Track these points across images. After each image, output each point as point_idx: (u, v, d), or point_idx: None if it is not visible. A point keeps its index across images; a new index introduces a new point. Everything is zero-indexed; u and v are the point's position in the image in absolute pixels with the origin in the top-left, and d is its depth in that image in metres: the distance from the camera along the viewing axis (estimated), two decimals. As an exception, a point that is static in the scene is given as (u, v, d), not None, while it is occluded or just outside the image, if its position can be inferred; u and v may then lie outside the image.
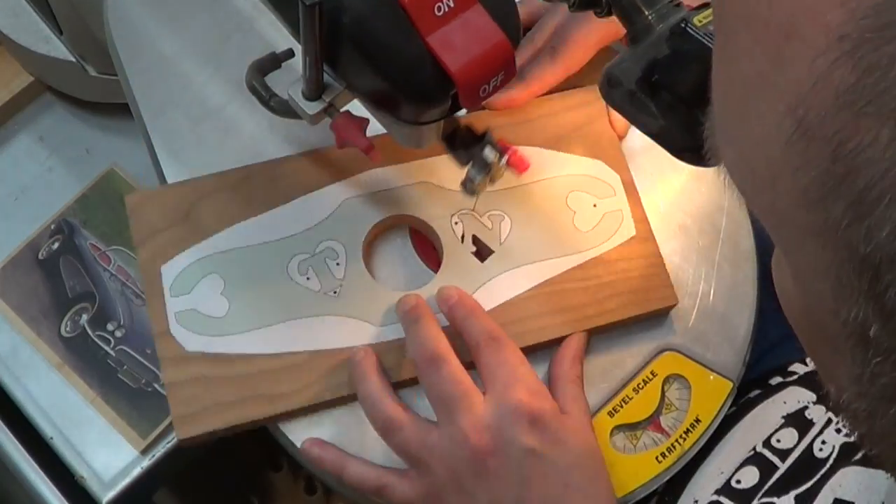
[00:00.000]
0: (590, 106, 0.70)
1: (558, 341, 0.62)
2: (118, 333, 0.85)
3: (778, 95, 0.26)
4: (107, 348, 0.85)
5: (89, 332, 0.86)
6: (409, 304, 0.62)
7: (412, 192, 0.66)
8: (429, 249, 0.66)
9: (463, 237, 0.65)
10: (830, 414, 0.60)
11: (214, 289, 0.62)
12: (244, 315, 0.62)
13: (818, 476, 0.55)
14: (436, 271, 0.64)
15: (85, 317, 0.86)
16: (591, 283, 0.64)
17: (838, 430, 0.58)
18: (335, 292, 0.63)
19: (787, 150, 0.26)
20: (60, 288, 0.87)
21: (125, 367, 0.84)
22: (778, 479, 0.58)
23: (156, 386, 0.84)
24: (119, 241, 0.89)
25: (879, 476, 0.54)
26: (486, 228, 0.65)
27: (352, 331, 0.62)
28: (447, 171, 0.66)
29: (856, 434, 0.33)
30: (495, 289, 0.64)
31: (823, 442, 0.58)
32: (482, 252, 0.65)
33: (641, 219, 0.66)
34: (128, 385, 0.84)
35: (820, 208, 0.26)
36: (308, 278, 0.63)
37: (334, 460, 0.60)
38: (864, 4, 0.23)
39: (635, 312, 0.63)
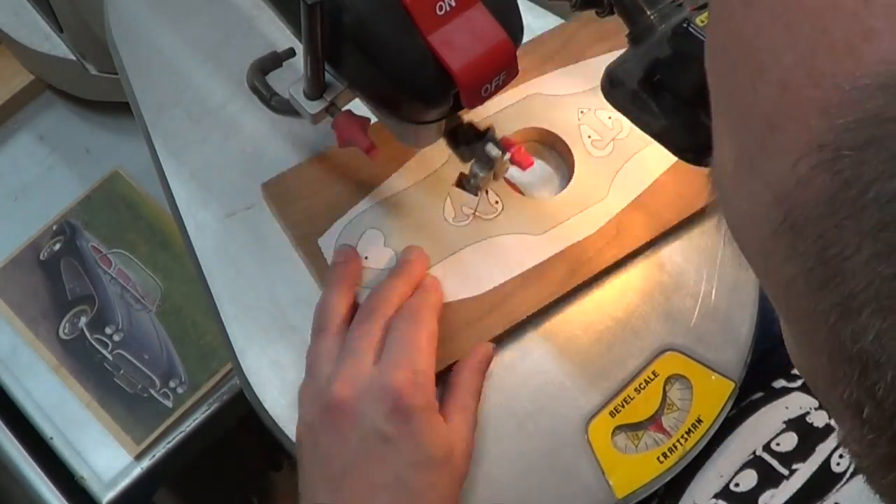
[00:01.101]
0: None
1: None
2: (116, 337, 0.85)
3: (766, 183, 0.25)
4: (104, 352, 0.85)
5: (87, 334, 0.85)
6: (407, 256, 0.63)
7: (523, 107, 0.70)
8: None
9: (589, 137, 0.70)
10: None
11: (377, 241, 0.65)
12: None
13: (836, 490, 0.55)
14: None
15: (84, 319, 0.86)
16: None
17: None
18: (493, 213, 0.66)
19: (775, 239, 0.26)
20: (60, 289, 0.87)
21: (122, 371, 0.84)
22: (795, 495, 0.57)
23: (152, 392, 0.83)
24: (121, 244, 0.89)
25: None
26: (607, 126, 0.70)
27: (526, 245, 0.65)
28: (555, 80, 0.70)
29: (858, 468, 0.33)
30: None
31: (841, 456, 0.57)
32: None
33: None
34: (124, 390, 0.84)
35: (808, 299, 0.25)
36: (463, 207, 0.66)
37: (339, 274, 0.62)
38: (846, 118, 0.23)
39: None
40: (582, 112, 0.70)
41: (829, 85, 0.23)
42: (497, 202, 0.67)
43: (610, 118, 0.70)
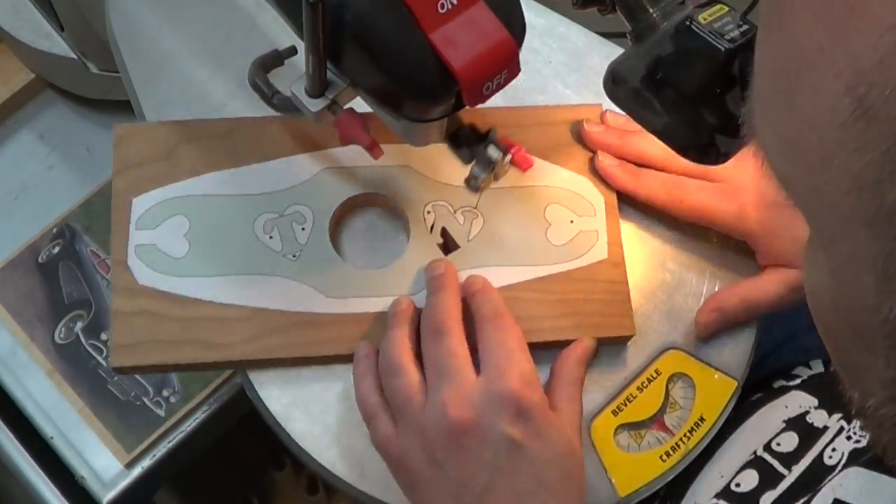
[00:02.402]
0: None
1: None
2: (111, 344, 0.85)
3: (836, 72, 0.24)
4: (99, 358, 0.84)
5: (83, 340, 0.85)
6: (437, 270, 0.62)
7: (392, 173, 0.66)
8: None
9: (432, 227, 0.65)
10: (842, 423, 0.59)
11: (179, 229, 0.64)
12: (201, 260, 0.63)
13: (826, 482, 0.55)
14: None
15: (80, 324, 0.86)
16: (550, 298, 0.63)
17: (849, 438, 0.57)
18: (294, 256, 0.64)
19: (842, 131, 0.24)
20: (57, 293, 0.87)
21: (115, 378, 0.84)
22: (788, 488, 0.57)
23: (145, 400, 0.83)
24: (120, 250, 0.88)
25: (884, 481, 0.53)
26: (458, 224, 0.65)
27: (302, 296, 0.63)
28: (435, 159, 0.66)
29: (877, 443, 0.32)
30: None
31: (833, 449, 0.57)
32: (448, 245, 0.65)
33: (616, 243, 0.65)
34: (117, 397, 0.83)
35: (874, 194, 0.24)
36: (271, 237, 0.64)
37: (363, 370, 0.61)
38: None
39: (590, 335, 0.62)
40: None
41: None
42: None
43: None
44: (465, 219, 0.66)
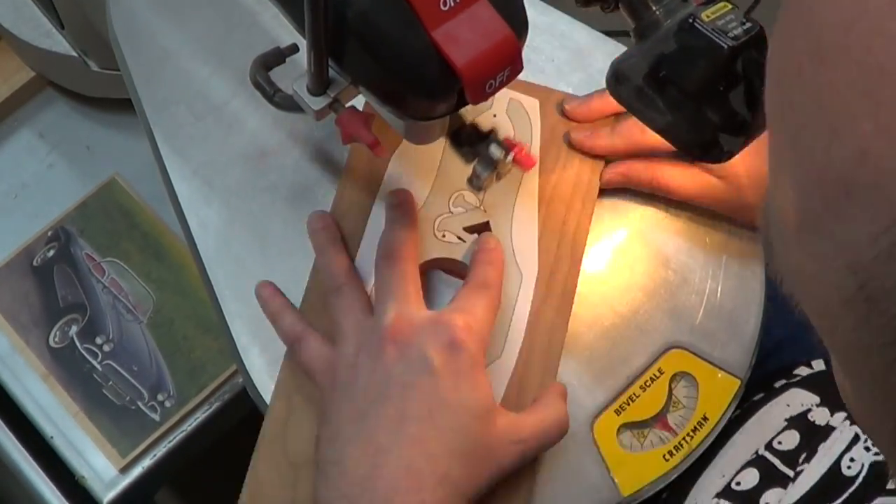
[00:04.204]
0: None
1: None
2: (106, 348, 0.85)
3: (836, 247, 0.24)
4: (94, 362, 0.84)
5: (77, 344, 0.85)
6: (396, 198, 0.63)
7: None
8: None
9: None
10: (856, 429, 0.58)
11: None
12: None
13: (847, 495, 0.55)
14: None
15: (74, 328, 0.85)
16: None
17: (867, 448, 0.57)
18: None
19: (847, 307, 0.24)
20: (52, 297, 0.86)
21: (110, 382, 0.84)
22: (805, 496, 0.57)
23: (139, 404, 0.83)
24: (115, 253, 0.88)
25: None
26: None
27: None
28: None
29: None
30: None
31: (852, 459, 0.57)
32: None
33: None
34: (112, 401, 0.83)
35: (880, 370, 0.24)
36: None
37: (275, 307, 0.61)
38: None
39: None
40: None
41: None
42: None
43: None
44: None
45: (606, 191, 0.68)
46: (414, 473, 0.52)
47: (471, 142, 0.60)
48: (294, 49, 0.62)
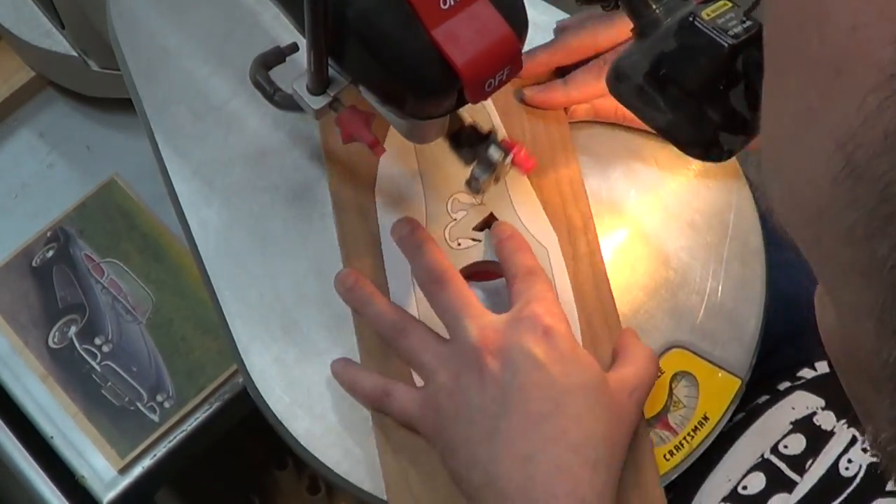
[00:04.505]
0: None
1: None
2: (105, 348, 0.85)
3: (827, 131, 0.25)
4: (93, 363, 0.84)
5: (76, 344, 0.85)
6: (404, 230, 0.63)
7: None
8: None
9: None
10: (854, 431, 0.58)
11: None
12: None
13: (844, 496, 0.54)
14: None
15: (73, 329, 0.85)
16: None
17: (865, 450, 0.57)
18: None
19: (834, 187, 0.25)
20: (51, 297, 0.86)
21: (109, 383, 0.83)
22: (803, 498, 0.57)
23: (139, 405, 0.83)
24: (114, 254, 0.88)
25: None
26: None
27: None
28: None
29: (888, 474, 0.32)
30: None
31: (850, 461, 0.57)
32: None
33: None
34: (111, 402, 0.83)
35: (865, 247, 0.25)
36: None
37: (351, 375, 0.61)
38: None
39: None
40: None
41: None
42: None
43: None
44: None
45: (608, 191, 0.68)
46: (566, 470, 0.52)
47: (470, 143, 0.60)
48: (294, 48, 0.62)
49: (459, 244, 0.65)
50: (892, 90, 0.23)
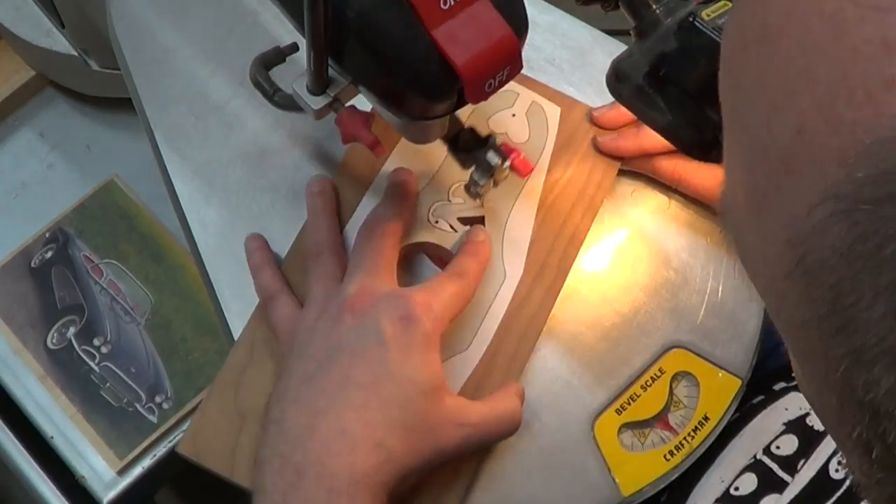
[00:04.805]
0: None
1: None
2: (104, 349, 0.85)
3: (779, 225, 0.25)
4: (91, 363, 0.84)
5: (75, 345, 0.85)
6: (399, 176, 0.63)
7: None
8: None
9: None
10: None
11: None
12: None
13: (835, 498, 0.54)
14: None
15: (72, 329, 0.85)
16: None
17: None
18: None
19: (788, 281, 0.25)
20: (50, 298, 0.86)
21: (108, 384, 0.83)
22: (794, 500, 0.57)
23: (137, 406, 0.83)
24: (113, 255, 0.88)
25: None
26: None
27: None
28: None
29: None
30: None
31: (840, 462, 0.57)
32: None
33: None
34: (109, 403, 0.83)
35: (821, 343, 0.25)
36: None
37: (258, 260, 0.63)
38: (864, 170, 0.22)
39: None
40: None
41: (847, 134, 0.22)
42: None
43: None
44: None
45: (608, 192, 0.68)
46: (348, 437, 0.52)
47: (468, 147, 0.60)
48: (294, 48, 0.62)
49: (437, 223, 0.65)
50: (837, 209, 0.23)
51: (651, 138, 0.65)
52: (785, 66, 0.24)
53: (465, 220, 0.65)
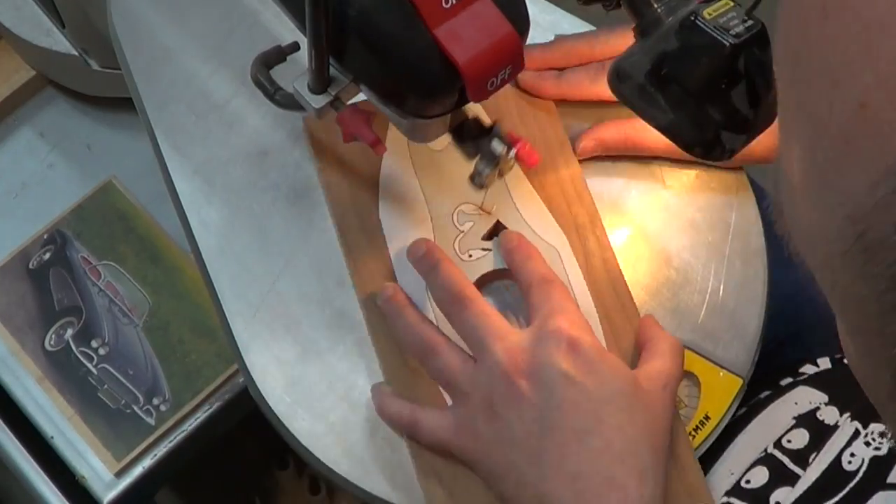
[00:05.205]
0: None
1: None
2: (102, 351, 0.84)
3: (838, 201, 0.25)
4: (89, 365, 0.84)
5: (73, 347, 0.84)
6: (420, 250, 0.62)
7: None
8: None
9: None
10: (857, 424, 0.58)
11: None
12: None
13: (847, 489, 0.55)
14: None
15: (70, 331, 0.85)
16: None
17: (867, 444, 0.57)
18: None
19: (846, 258, 0.25)
20: (48, 300, 0.86)
21: (106, 386, 0.83)
22: (806, 492, 0.57)
23: (135, 408, 0.82)
24: (111, 256, 0.87)
25: None
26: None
27: None
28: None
29: None
30: None
31: (853, 454, 0.57)
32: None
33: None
34: (107, 405, 0.82)
35: (878, 320, 0.25)
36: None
37: (377, 401, 0.61)
38: None
39: None
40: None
41: None
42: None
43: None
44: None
45: (609, 190, 0.68)
46: (615, 483, 0.52)
47: (473, 137, 0.60)
48: (295, 47, 0.62)
49: (471, 255, 0.64)
50: None
51: (572, 86, 0.67)
52: (846, 42, 0.24)
53: (487, 236, 0.65)
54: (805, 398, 0.62)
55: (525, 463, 0.54)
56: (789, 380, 0.66)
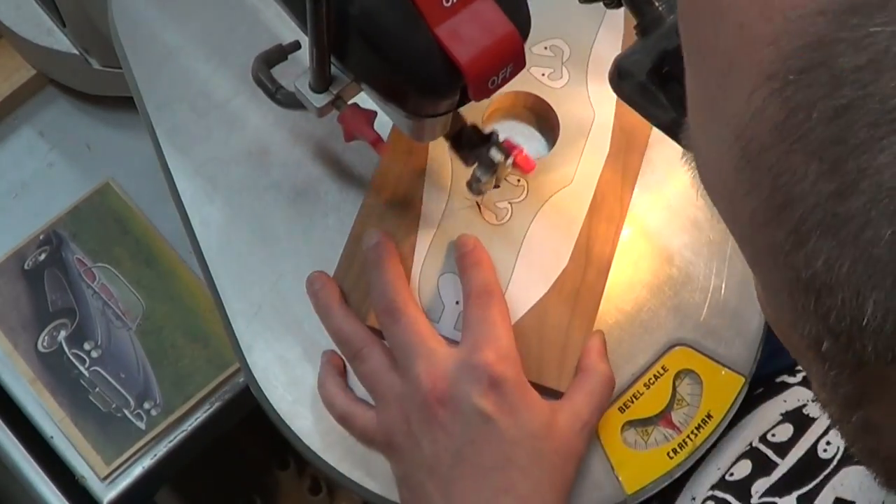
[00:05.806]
0: None
1: None
2: (94, 354, 0.84)
3: (725, 122, 0.27)
4: (81, 368, 0.83)
5: (66, 349, 0.84)
6: (371, 240, 0.62)
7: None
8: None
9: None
10: None
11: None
12: None
13: (822, 476, 0.55)
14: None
15: (63, 333, 0.85)
16: None
17: None
18: None
19: (736, 175, 0.27)
20: (42, 301, 0.86)
21: (97, 389, 0.83)
22: (780, 479, 0.57)
23: (125, 412, 0.82)
24: (106, 259, 0.87)
25: None
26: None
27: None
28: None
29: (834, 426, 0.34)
30: None
31: (828, 443, 0.57)
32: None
33: None
34: (98, 408, 0.82)
35: (766, 232, 0.27)
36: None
37: (322, 392, 0.61)
38: (792, 45, 0.24)
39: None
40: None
41: (777, 17, 0.24)
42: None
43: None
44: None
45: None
46: None
47: (471, 144, 0.60)
48: (296, 46, 0.62)
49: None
50: (772, 89, 0.24)
51: None
52: None
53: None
54: (794, 397, 0.63)
55: (433, 487, 0.56)
56: (784, 378, 0.66)
